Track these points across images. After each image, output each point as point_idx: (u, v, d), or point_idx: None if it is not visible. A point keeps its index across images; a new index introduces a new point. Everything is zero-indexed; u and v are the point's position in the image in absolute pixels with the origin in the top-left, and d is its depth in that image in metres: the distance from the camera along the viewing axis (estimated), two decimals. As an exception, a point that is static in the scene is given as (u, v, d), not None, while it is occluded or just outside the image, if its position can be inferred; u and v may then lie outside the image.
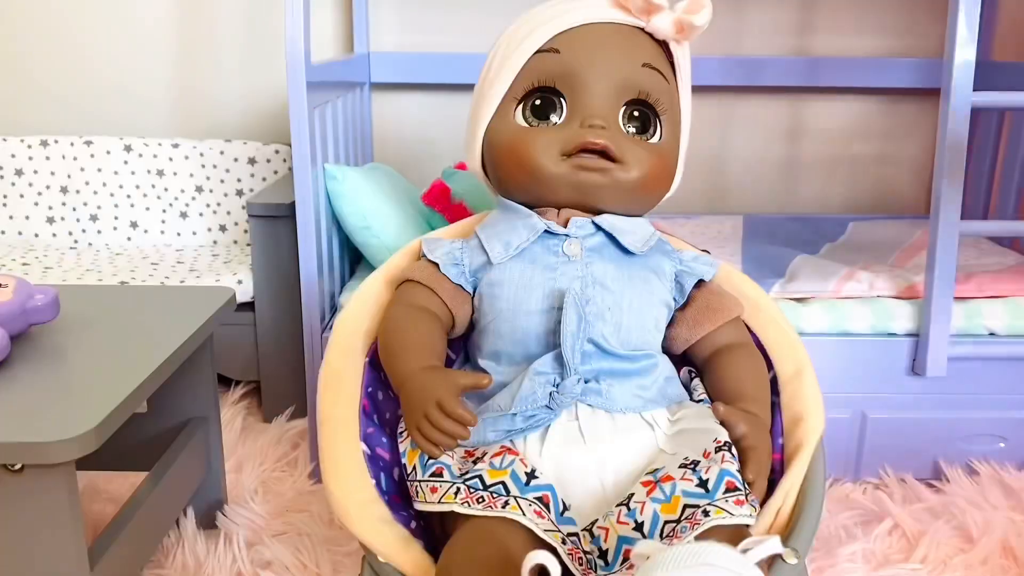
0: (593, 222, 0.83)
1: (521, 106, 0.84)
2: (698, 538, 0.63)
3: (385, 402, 0.84)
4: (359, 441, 0.77)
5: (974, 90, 1.15)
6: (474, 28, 1.78)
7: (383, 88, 1.81)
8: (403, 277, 0.86)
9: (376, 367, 0.84)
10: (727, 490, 0.67)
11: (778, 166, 1.90)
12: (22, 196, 1.79)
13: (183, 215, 1.79)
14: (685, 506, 0.67)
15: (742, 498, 0.67)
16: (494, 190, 0.91)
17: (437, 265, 0.84)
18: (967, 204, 1.74)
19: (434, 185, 1.35)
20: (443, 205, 1.34)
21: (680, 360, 0.88)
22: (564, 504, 0.71)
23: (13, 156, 1.77)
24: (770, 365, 0.85)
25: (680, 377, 0.85)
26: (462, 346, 0.90)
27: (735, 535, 0.63)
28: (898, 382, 1.29)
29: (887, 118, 1.87)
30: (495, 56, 0.87)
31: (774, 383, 0.84)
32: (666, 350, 0.86)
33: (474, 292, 0.84)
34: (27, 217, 1.80)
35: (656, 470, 0.72)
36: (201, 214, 1.78)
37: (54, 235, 1.80)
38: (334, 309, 1.37)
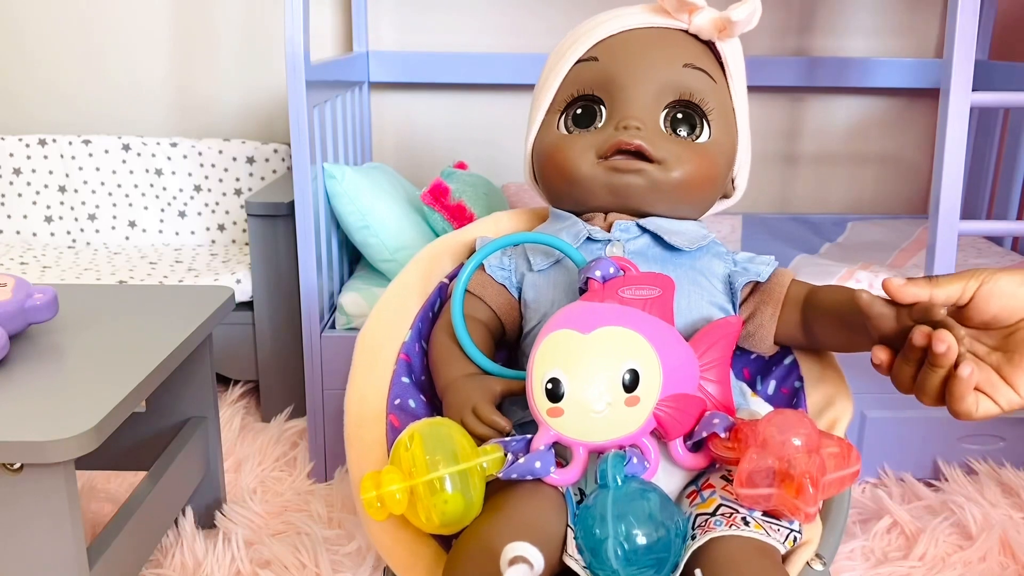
0: (637, 224, 0.82)
1: (563, 116, 0.85)
2: (730, 538, 0.63)
3: (419, 409, 0.83)
4: (386, 456, 0.77)
5: (974, 90, 1.15)
6: (473, 28, 1.78)
7: (382, 87, 1.81)
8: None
9: (404, 378, 0.83)
10: (765, 512, 0.65)
11: (778, 166, 1.90)
12: (20, 195, 1.79)
13: (182, 214, 1.78)
14: (721, 504, 0.66)
15: (781, 527, 0.66)
16: (546, 201, 0.92)
17: (485, 270, 0.85)
18: (967, 204, 1.74)
19: (433, 184, 1.35)
20: (442, 204, 1.34)
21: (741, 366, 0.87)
22: None
23: (11, 155, 1.77)
24: (788, 351, 0.85)
25: (734, 383, 0.82)
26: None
27: (763, 550, 0.63)
28: (897, 382, 1.29)
29: (887, 118, 1.86)
30: (543, 71, 0.88)
31: (795, 367, 0.83)
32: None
33: (519, 298, 0.85)
34: (25, 216, 1.79)
35: (698, 478, 0.71)
36: (200, 213, 1.78)
37: (52, 234, 1.80)
38: (333, 308, 1.37)
